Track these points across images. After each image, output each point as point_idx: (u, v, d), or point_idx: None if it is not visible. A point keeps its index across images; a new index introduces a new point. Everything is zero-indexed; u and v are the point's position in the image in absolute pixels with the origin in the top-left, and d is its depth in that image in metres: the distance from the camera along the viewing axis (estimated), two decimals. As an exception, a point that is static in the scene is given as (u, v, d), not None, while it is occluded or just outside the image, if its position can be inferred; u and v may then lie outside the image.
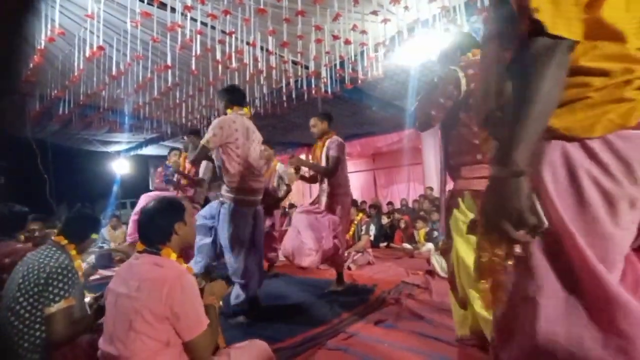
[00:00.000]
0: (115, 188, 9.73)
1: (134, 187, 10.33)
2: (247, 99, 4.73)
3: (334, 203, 2.98)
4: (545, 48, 0.60)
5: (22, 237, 2.24)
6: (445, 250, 1.77)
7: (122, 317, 1.14)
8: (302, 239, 2.86)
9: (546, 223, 0.61)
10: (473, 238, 1.20)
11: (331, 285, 3.15)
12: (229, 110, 2.46)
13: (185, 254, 2.14)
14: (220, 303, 1.39)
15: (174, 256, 1.27)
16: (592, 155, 0.61)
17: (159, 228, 1.27)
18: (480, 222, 0.69)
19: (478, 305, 1.46)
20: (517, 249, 0.65)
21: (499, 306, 0.71)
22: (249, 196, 2.41)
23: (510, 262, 0.67)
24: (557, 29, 0.59)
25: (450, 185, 1.74)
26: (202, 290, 1.34)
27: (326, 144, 3.01)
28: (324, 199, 3.03)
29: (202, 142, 2.31)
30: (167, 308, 1.11)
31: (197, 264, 2.52)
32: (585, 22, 0.61)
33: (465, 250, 1.52)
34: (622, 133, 0.60)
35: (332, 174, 2.95)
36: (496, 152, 0.67)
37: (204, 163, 3.49)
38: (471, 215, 1.49)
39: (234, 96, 2.51)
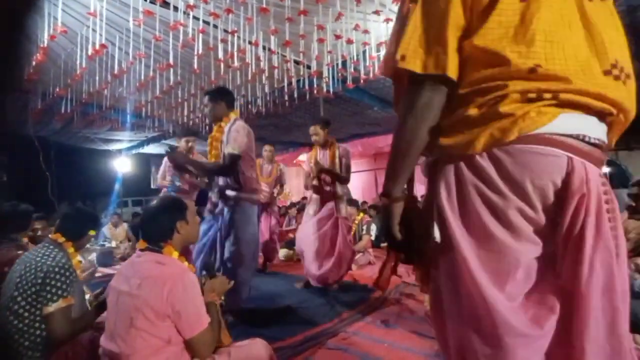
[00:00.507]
0: (116, 186, 9.74)
1: (136, 186, 10.36)
2: (249, 98, 4.75)
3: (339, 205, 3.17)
4: (413, 91, 0.67)
5: (25, 238, 2.20)
6: None
7: (123, 315, 1.14)
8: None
9: (437, 238, 0.68)
10: None
11: (332, 286, 3.15)
12: (232, 114, 2.42)
13: (186, 251, 2.14)
14: (222, 299, 1.39)
15: (175, 254, 1.27)
16: (478, 170, 0.64)
17: (160, 226, 1.28)
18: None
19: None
20: (401, 256, 0.81)
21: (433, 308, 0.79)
22: (259, 195, 2.52)
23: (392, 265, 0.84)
24: (427, 68, 0.65)
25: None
26: (202, 287, 1.34)
27: (338, 151, 3.13)
28: (342, 205, 3.18)
29: (234, 151, 2.20)
30: (168, 306, 1.11)
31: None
32: (469, 52, 0.65)
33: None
34: (507, 148, 0.62)
35: (349, 182, 3.18)
36: (383, 184, 0.77)
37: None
38: None
39: (231, 98, 2.48)
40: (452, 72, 0.65)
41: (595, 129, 0.64)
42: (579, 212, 0.61)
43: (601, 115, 0.64)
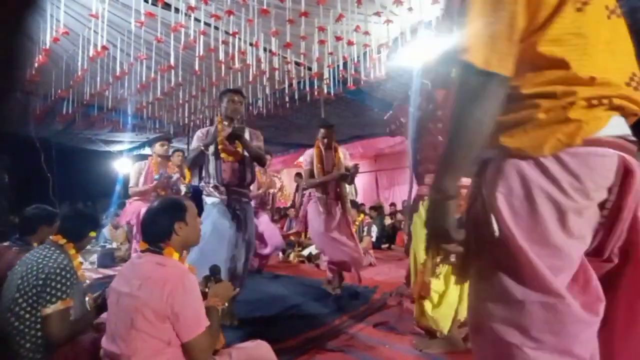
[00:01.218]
0: (117, 187, 9.75)
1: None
2: (250, 100, 4.75)
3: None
4: (475, 85, 0.67)
5: (35, 244, 2.13)
6: (407, 251, 1.98)
7: (123, 316, 1.14)
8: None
9: (496, 232, 0.69)
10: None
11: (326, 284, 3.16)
12: None
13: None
14: (226, 304, 1.38)
15: (176, 256, 1.27)
16: (544, 171, 0.67)
17: (159, 227, 1.28)
18: (427, 235, 0.80)
19: (428, 306, 1.74)
20: (452, 258, 0.78)
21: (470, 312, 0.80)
22: None
23: (441, 268, 0.82)
24: (490, 65, 0.65)
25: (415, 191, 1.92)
26: (205, 294, 1.34)
27: (344, 153, 3.20)
28: (349, 205, 3.26)
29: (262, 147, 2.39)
30: (167, 307, 1.11)
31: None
32: (529, 54, 0.67)
33: (420, 250, 1.73)
34: (571, 150, 0.65)
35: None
36: (434, 177, 0.75)
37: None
38: None
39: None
40: (511, 73, 0.67)
41: (628, 128, 0.71)
42: (638, 205, 0.68)
43: (628, 118, 0.71)
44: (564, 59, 0.66)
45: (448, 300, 1.79)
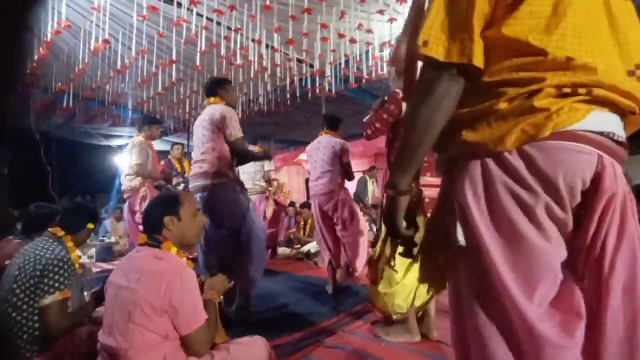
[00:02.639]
0: (117, 181, 9.74)
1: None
2: (251, 96, 4.74)
3: None
4: (429, 80, 0.63)
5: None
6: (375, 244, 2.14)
7: (121, 309, 1.14)
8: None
9: (462, 242, 0.65)
10: None
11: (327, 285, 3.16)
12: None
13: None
14: (221, 298, 1.38)
15: (174, 250, 1.27)
16: (508, 167, 0.61)
17: (150, 218, 1.30)
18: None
19: (382, 285, 1.90)
20: (399, 248, 0.82)
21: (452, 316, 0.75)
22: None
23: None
24: (451, 56, 0.61)
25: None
26: (202, 285, 1.34)
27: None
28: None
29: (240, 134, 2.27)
30: (165, 301, 1.11)
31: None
32: (496, 39, 0.61)
33: (387, 236, 1.88)
34: (539, 144, 0.59)
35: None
36: (389, 175, 0.75)
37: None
38: None
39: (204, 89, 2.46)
40: (478, 60, 0.61)
41: (620, 127, 0.63)
42: (607, 212, 0.59)
43: (623, 114, 0.63)
44: (532, 43, 0.59)
45: (404, 282, 1.90)
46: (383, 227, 1.95)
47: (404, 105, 1.90)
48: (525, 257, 0.60)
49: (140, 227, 1.71)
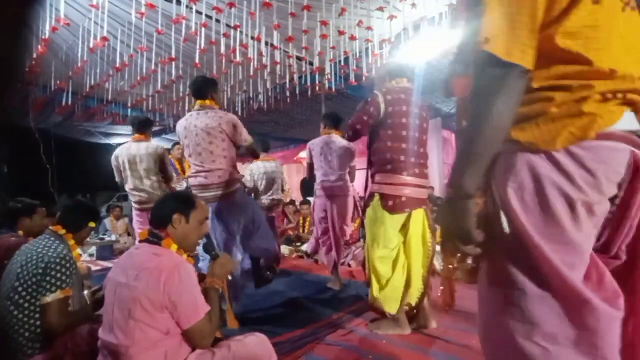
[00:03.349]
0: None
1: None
2: (251, 94, 4.71)
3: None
4: (497, 77, 0.64)
5: (20, 232, 2.13)
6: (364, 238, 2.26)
7: (121, 306, 1.14)
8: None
9: (506, 229, 0.67)
10: (377, 230, 2.02)
11: (330, 282, 3.17)
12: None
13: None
14: (230, 277, 1.36)
15: (174, 247, 1.27)
16: (556, 165, 0.65)
17: (161, 210, 1.31)
18: (441, 237, 0.77)
19: (375, 287, 2.04)
20: (469, 260, 0.76)
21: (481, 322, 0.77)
22: (196, 193, 2.18)
23: (461, 268, 0.81)
24: (512, 57, 0.63)
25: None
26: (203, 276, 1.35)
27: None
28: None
29: (249, 137, 2.29)
30: (165, 297, 1.11)
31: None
32: (544, 47, 0.65)
33: (369, 242, 2.07)
34: (584, 143, 0.64)
35: (309, 179, 3.19)
36: (451, 175, 0.72)
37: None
38: (376, 212, 2.01)
39: (191, 89, 2.32)
40: (532, 65, 0.65)
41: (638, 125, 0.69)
42: None
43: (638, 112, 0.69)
44: (581, 53, 0.64)
45: (393, 284, 2.02)
46: (369, 228, 2.09)
47: (381, 106, 1.97)
48: (562, 246, 0.65)
49: None
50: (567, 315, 0.65)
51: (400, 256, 2.06)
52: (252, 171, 3.61)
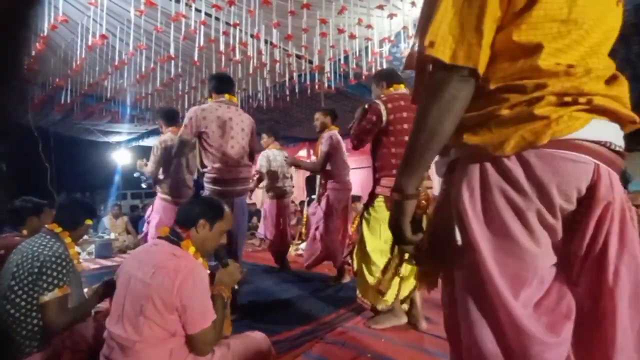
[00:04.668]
0: (116, 178, 9.73)
1: (135, 178, 10.34)
2: (250, 92, 4.70)
3: (321, 196, 3.12)
4: (439, 81, 0.62)
5: (25, 232, 2.08)
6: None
7: (133, 300, 1.15)
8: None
9: (458, 240, 0.66)
10: (375, 228, 2.11)
11: (330, 281, 3.18)
12: (209, 99, 2.35)
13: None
14: (236, 287, 1.38)
15: (192, 250, 1.27)
16: (506, 172, 0.62)
17: (187, 211, 1.33)
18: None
19: (371, 279, 2.07)
20: (406, 255, 0.80)
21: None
22: (224, 186, 2.30)
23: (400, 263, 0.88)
24: (456, 59, 0.60)
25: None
26: (213, 277, 1.35)
27: (320, 138, 3.11)
28: (317, 193, 3.22)
29: (179, 134, 2.27)
30: (177, 299, 1.12)
31: None
32: (502, 45, 0.62)
33: (368, 236, 2.12)
34: (537, 151, 0.60)
35: (320, 169, 3.08)
36: (395, 176, 0.72)
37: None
38: (380, 212, 2.09)
39: (212, 84, 2.35)
40: (483, 66, 0.61)
41: (618, 136, 0.64)
42: (604, 220, 0.60)
43: (623, 123, 0.64)
44: (539, 45, 0.59)
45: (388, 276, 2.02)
46: (369, 227, 2.13)
47: (384, 115, 2.01)
48: (514, 259, 0.61)
49: None
50: (502, 338, 0.62)
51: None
52: (269, 157, 3.55)
